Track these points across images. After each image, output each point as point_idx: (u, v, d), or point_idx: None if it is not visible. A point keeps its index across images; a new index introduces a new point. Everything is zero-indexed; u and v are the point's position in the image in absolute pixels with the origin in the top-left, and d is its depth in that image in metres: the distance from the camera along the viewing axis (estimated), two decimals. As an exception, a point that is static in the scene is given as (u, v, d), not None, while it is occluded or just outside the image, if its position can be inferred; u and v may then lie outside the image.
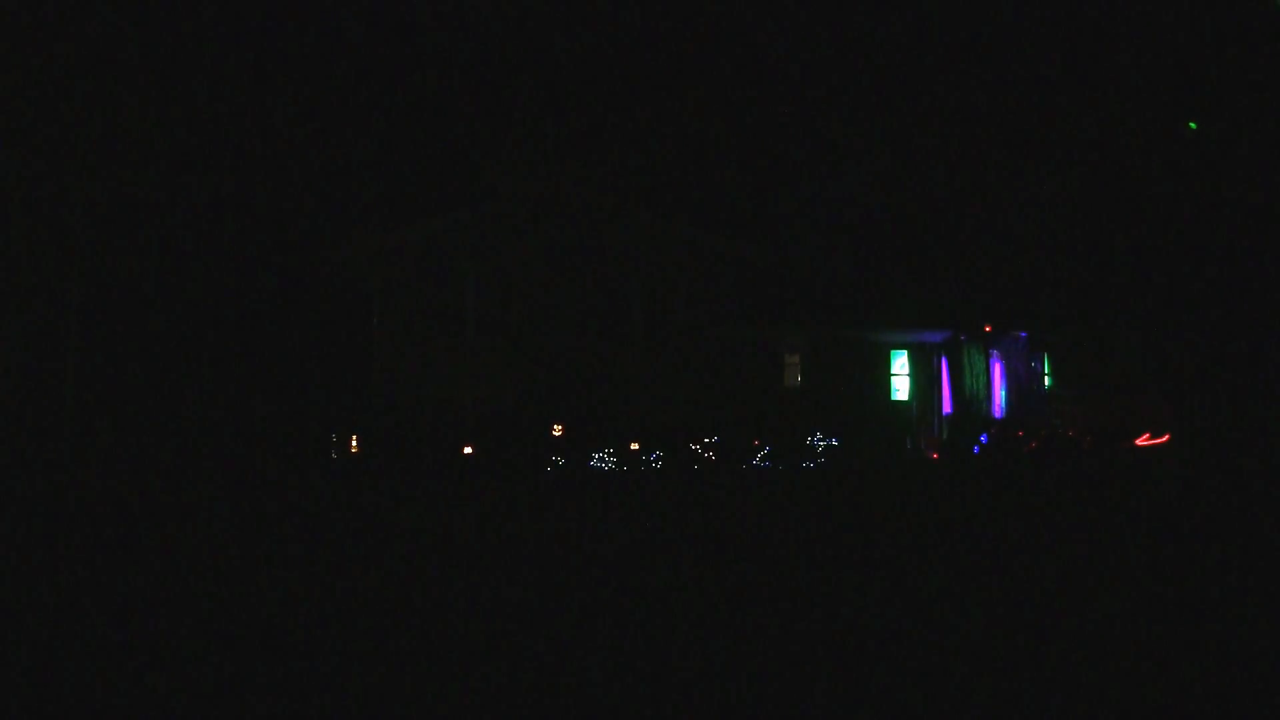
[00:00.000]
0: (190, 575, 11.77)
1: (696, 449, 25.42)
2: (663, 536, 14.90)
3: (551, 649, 8.56)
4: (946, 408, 27.93)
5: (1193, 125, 11.60)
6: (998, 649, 8.61)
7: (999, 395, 27.78)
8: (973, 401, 27.33)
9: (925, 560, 12.84)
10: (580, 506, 18.13)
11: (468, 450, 25.99)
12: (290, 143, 9.83)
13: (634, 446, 26.04)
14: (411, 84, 10.54)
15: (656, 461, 25.09)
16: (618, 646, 8.69)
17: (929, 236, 37.13)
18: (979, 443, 25.53)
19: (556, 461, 25.43)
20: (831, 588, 11.19)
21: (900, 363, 28.25)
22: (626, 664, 8.16)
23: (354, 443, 25.65)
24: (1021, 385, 27.58)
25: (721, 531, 15.30)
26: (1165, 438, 22.92)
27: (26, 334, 23.48)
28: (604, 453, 25.59)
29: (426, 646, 8.70)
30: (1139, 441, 24.39)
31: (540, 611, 10.04)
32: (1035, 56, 12.67)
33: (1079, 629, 9.24)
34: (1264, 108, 11.38)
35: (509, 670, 7.96)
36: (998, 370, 27.77)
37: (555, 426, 26.41)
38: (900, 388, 28.21)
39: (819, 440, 25.59)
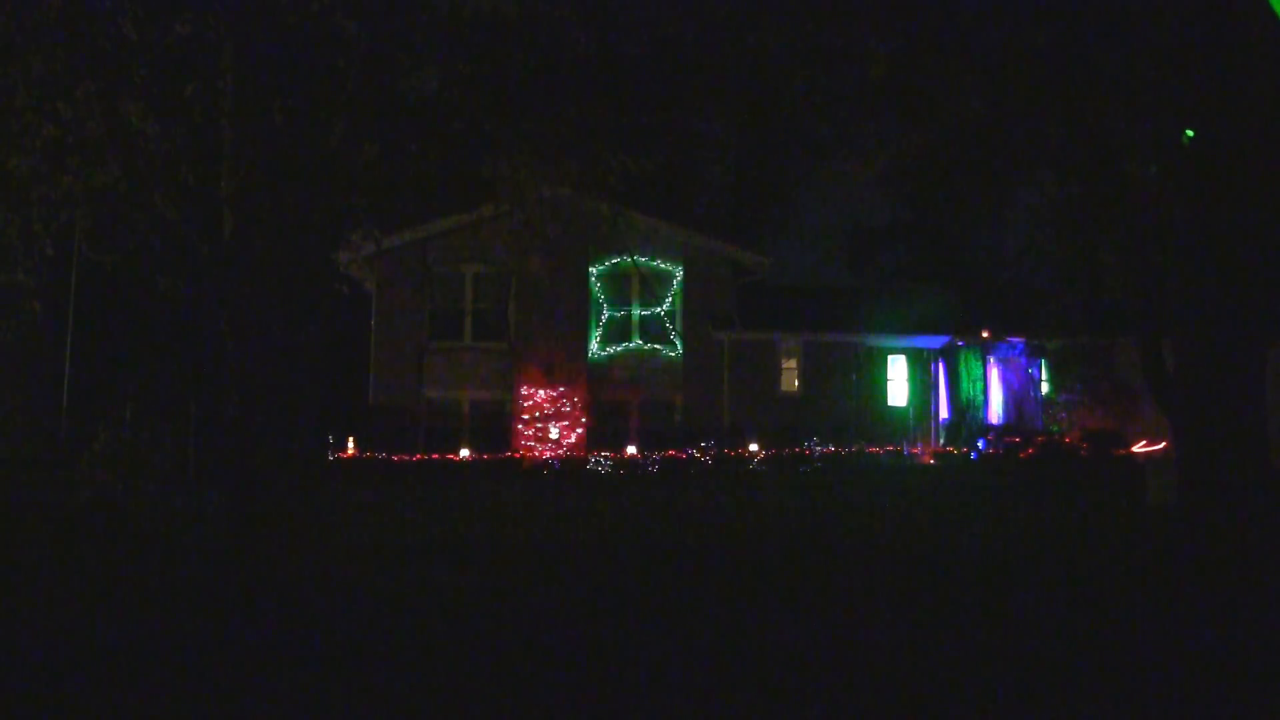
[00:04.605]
0: (179, 575, 11.76)
1: (694, 453, 25.42)
2: (651, 539, 14.88)
3: (540, 645, 8.56)
4: (944, 414, 27.93)
5: (1190, 133, 11.60)
6: (989, 655, 8.61)
7: (996, 401, 27.79)
8: (970, 407, 27.34)
9: (918, 567, 12.84)
10: (574, 511, 18.12)
11: (465, 452, 25.99)
12: (291, 143, 9.85)
13: (631, 449, 26.06)
14: (408, 85, 10.54)
15: (653, 465, 25.08)
16: (601, 654, 8.69)
17: (927, 242, 37.18)
18: (976, 448, 25.54)
19: (552, 464, 25.42)
20: (819, 597, 11.19)
21: (898, 368, 28.26)
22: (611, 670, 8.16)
23: (351, 444, 25.66)
24: (1018, 392, 27.60)
25: (713, 535, 15.29)
26: (1162, 445, 22.94)
27: (23, 333, 23.44)
28: (601, 455, 25.60)
29: (422, 650, 8.71)
30: (1135, 448, 24.42)
31: (528, 613, 10.04)
32: (1032, 58, 12.68)
33: (1070, 635, 9.24)
34: (1263, 115, 11.38)
35: (502, 664, 7.96)
36: (995, 376, 27.79)
37: (552, 429, 26.41)
38: (898, 393, 28.21)
39: (816, 445, 25.59)
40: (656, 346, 27.60)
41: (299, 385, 10.26)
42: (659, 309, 27.80)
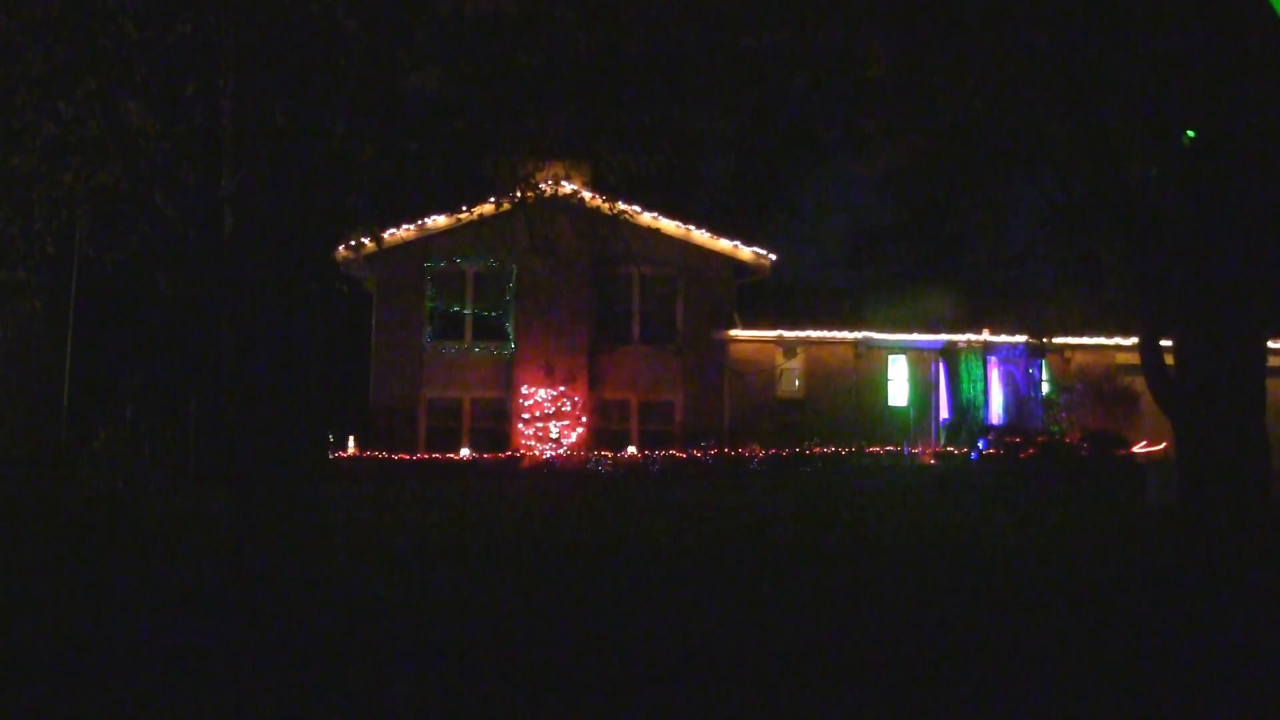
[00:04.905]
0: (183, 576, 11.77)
1: (694, 453, 25.41)
2: (652, 538, 14.88)
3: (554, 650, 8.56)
4: (944, 414, 27.92)
5: (1190, 134, 11.59)
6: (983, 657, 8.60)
7: (996, 402, 27.78)
8: (970, 408, 27.32)
9: (918, 567, 12.84)
10: (574, 510, 18.11)
11: (465, 452, 25.99)
12: (290, 141, 9.85)
13: (631, 449, 26.05)
14: (409, 84, 10.53)
15: (653, 465, 25.07)
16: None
17: (928, 242, 37.17)
18: (977, 449, 25.53)
19: (553, 464, 25.41)
20: (821, 598, 11.18)
21: (898, 368, 28.25)
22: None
23: (351, 443, 25.66)
24: (1019, 392, 27.58)
25: (713, 535, 15.29)
26: (1163, 445, 22.93)
27: (24, 331, 23.45)
28: (601, 455, 25.58)
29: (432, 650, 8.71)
30: (1136, 449, 24.41)
31: (529, 612, 10.04)
32: (1032, 58, 12.67)
33: (1068, 638, 9.24)
34: (1263, 115, 11.38)
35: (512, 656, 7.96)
36: (995, 377, 27.77)
37: (553, 428, 26.40)
38: (898, 393, 28.19)
39: (816, 445, 25.57)
40: (657, 346, 27.60)
41: (299, 384, 10.26)
42: (659, 308, 27.78)
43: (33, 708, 7.11)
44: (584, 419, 26.62)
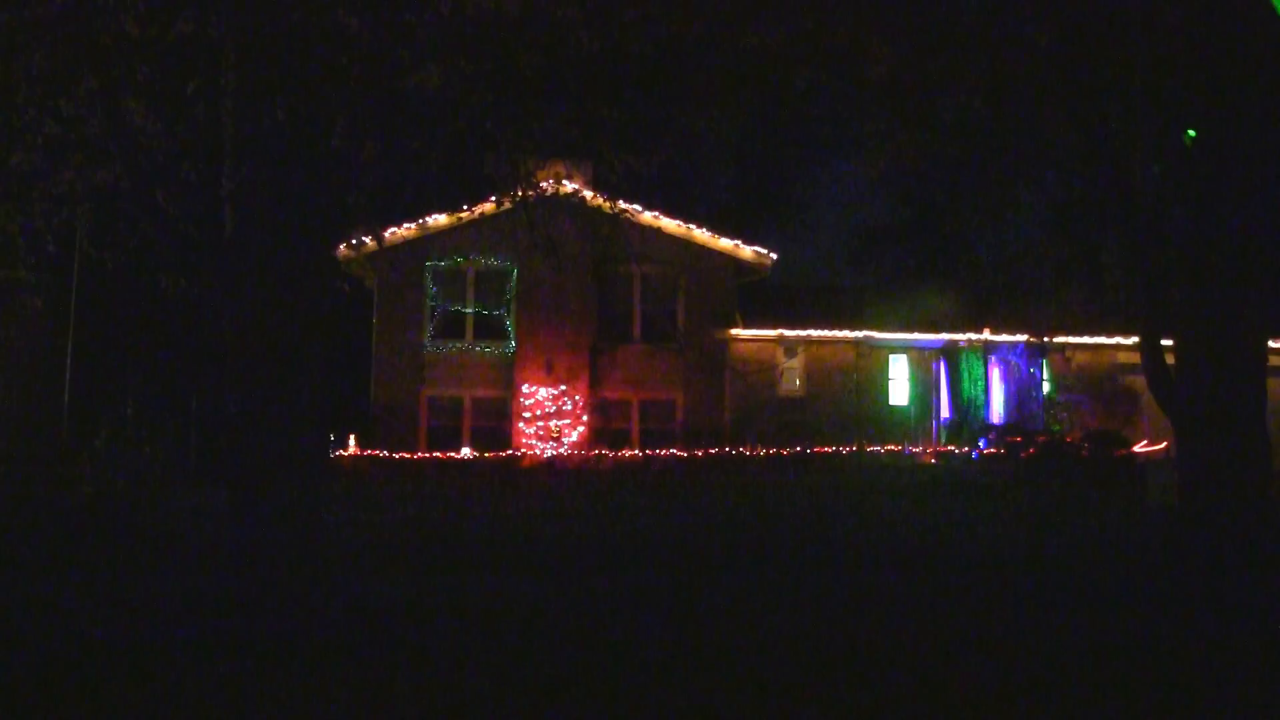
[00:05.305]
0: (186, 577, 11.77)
1: (695, 452, 25.40)
2: (652, 537, 14.88)
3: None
4: (945, 413, 27.92)
5: (1191, 134, 11.60)
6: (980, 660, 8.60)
7: (997, 401, 27.78)
8: (971, 407, 27.32)
9: (918, 566, 12.85)
10: (575, 509, 18.11)
11: (466, 451, 26.00)
12: (291, 140, 9.85)
13: (632, 449, 26.06)
14: (410, 82, 10.53)
15: (654, 465, 25.06)
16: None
17: (929, 242, 37.17)
18: (977, 448, 25.53)
19: (553, 463, 25.42)
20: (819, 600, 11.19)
21: (899, 368, 28.24)
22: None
23: (352, 442, 25.68)
24: (1020, 391, 27.58)
25: (713, 534, 15.30)
26: (1163, 445, 22.93)
27: (24, 330, 23.46)
28: (602, 454, 25.58)
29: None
30: (1136, 448, 24.41)
31: (529, 611, 10.05)
32: (1034, 57, 12.68)
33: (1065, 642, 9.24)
34: (1263, 115, 11.38)
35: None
36: (996, 376, 27.77)
37: (554, 428, 26.40)
38: (899, 393, 28.19)
39: (817, 444, 25.55)
40: (658, 345, 27.59)
41: (300, 383, 10.26)
42: (660, 307, 27.78)
43: (33, 707, 7.12)
44: (585, 418, 26.62)
